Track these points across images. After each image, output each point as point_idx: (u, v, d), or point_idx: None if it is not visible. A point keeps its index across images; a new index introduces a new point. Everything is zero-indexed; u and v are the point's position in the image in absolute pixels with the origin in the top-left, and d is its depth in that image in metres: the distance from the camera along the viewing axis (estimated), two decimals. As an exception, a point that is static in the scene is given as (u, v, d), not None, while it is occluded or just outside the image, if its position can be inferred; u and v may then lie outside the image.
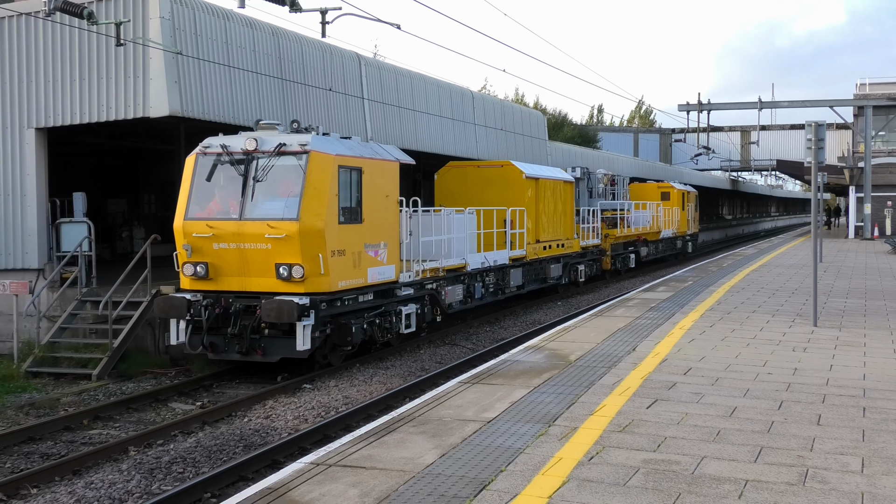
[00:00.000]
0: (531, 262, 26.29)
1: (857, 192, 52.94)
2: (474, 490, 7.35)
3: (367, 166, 16.83)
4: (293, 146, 15.75)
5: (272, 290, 15.55)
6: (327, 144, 16.09)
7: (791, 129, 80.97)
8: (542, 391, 11.02)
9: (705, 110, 49.30)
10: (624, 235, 37.11)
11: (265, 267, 15.59)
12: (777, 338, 15.01)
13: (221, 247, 15.77)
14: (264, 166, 15.74)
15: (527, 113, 41.82)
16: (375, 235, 17.09)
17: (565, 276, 29.63)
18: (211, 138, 16.43)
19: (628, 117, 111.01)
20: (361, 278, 16.70)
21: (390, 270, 17.78)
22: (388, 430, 9.32)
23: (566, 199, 29.50)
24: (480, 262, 22.66)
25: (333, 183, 15.72)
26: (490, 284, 23.52)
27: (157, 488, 10.38)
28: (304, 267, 15.33)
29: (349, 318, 16.60)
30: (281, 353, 15.67)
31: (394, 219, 17.93)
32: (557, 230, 28.62)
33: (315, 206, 15.42)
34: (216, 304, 15.76)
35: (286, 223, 15.31)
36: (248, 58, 20.78)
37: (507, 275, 24.61)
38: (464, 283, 21.84)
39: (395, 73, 28.52)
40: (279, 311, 14.92)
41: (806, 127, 16.76)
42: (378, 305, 17.70)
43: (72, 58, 19.10)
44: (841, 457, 8.22)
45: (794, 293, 21.84)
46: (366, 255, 16.78)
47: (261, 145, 15.87)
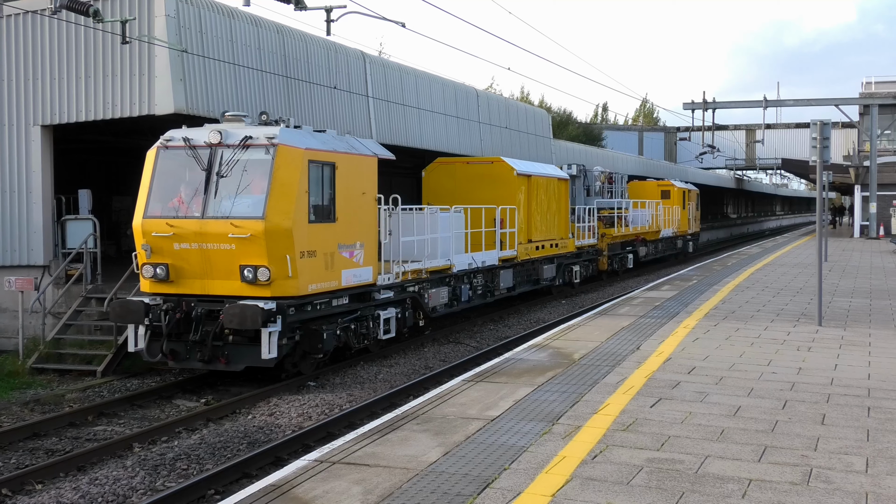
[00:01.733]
0: (523, 262, 25.37)
1: (863, 190, 52.85)
2: (478, 488, 7.36)
3: (341, 161, 15.85)
4: (260, 139, 14.81)
5: (237, 293, 14.61)
6: (297, 137, 15.13)
7: (796, 128, 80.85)
8: (546, 389, 11.03)
9: (710, 109, 49.27)
10: (621, 235, 36.11)
11: (229, 269, 14.63)
12: (781, 337, 15.01)
13: (183, 247, 14.81)
14: (229, 161, 14.83)
15: (531, 111, 41.79)
16: (350, 235, 16.09)
17: (559, 277, 28.77)
18: (173, 130, 15.60)
19: (633, 116, 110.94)
20: (335, 281, 15.72)
21: (367, 272, 16.76)
22: (392, 427, 9.33)
23: (560, 198, 28.55)
24: (467, 263, 21.70)
25: (303, 179, 14.78)
26: (478, 286, 22.62)
27: (162, 485, 10.40)
28: (270, 269, 14.38)
29: (321, 323, 15.57)
30: (246, 361, 14.73)
31: (371, 218, 16.93)
32: (551, 229, 27.66)
33: (282, 203, 14.49)
34: (177, 309, 14.86)
35: (251, 222, 14.36)
36: (253, 56, 20.79)
37: (497, 276, 23.68)
38: (449, 286, 20.91)
39: (399, 71, 28.52)
40: (242, 316, 13.97)
41: (811, 126, 16.76)
42: (354, 310, 16.63)
43: (77, 55, 19.13)
44: (845, 456, 8.21)
45: (799, 292, 21.82)
46: (339, 257, 15.78)
47: (225, 138, 14.94)
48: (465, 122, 32.54)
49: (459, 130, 32.08)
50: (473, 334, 21.53)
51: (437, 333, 20.83)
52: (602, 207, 35.42)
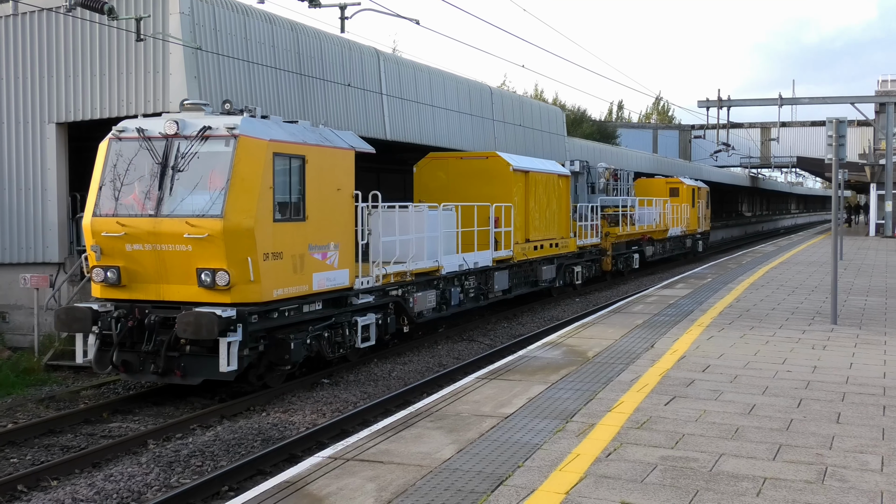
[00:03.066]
0: (519, 263, 24.01)
1: (879, 189, 52.62)
2: (491, 485, 7.35)
3: (312, 154, 14.60)
4: (219, 129, 13.57)
5: (194, 299, 13.41)
6: (261, 128, 13.89)
7: (812, 126, 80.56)
8: (560, 387, 11.02)
9: (725, 107, 49.11)
10: (627, 234, 34.72)
11: (185, 272, 13.44)
12: (796, 336, 14.95)
13: (135, 248, 13.62)
14: (186, 153, 13.63)
15: (545, 109, 41.75)
16: (323, 235, 14.87)
17: (559, 278, 27.44)
18: (127, 121, 14.48)
19: (646, 113, 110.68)
20: (304, 285, 14.46)
21: (342, 275, 15.51)
22: (406, 425, 9.34)
23: (561, 195, 27.17)
24: (458, 265, 20.38)
25: (267, 173, 13.57)
26: (470, 289, 21.22)
27: (176, 481, 10.43)
28: (229, 273, 13.15)
29: (288, 332, 14.38)
30: (203, 374, 13.55)
31: (347, 216, 15.65)
32: (551, 228, 26.27)
33: (244, 200, 13.29)
34: (129, 316, 13.69)
35: (208, 220, 13.16)
36: (267, 53, 20.82)
37: (491, 278, 22.28)
38: (438, 289, 19.55)
39: (413, 68, 28.52)
40: (197, 325, 12.77)
41: (827, 124, 16.70)
42: (327, 316, 15.39)
43: (92, 53, 19.19)
44: (860, 455, 8.18)
45: (814, 291, 21.74)
46: (310, 259, 14.57)
47: (182, 129, 13.74)
48: (479, 119, 32.52)
49: (473, 128, 32.07)
50: (487, 332, 21.52)
51: (450, 331, 20.83)
52: (606, 205, 34.23)
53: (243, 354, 13.41)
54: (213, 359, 13.23)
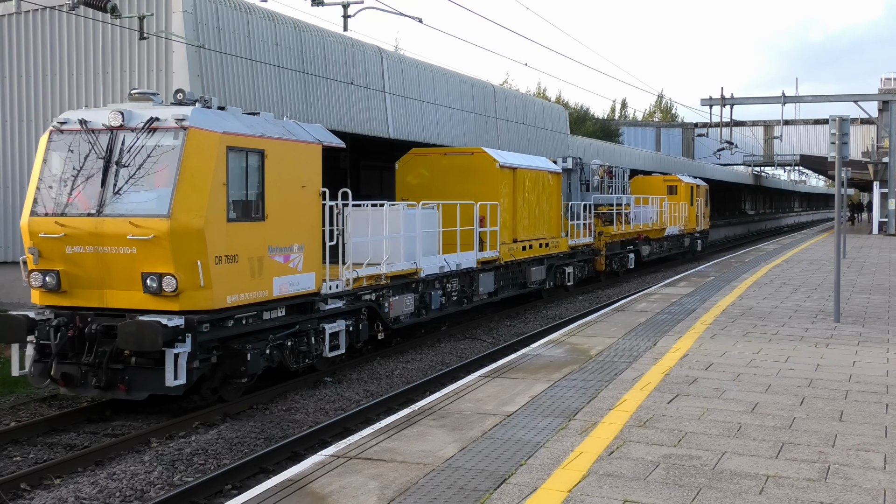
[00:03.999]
0: (507, 264, 22.90)
1: (882, 187, 52.57)
2: (494, 483, 7.35)
3: (272, 148, 13.52)
4: (167, 121, 12.50)
5: (139, 306, 12.36)
6: (214, 119, 12.78)
7: (815, 124, 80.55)
8: (563, 385, 11.02)
9: (728, 105, 49.09)
10: (621, 233, 33.66)
11: (130, 277, 12.35)
12: (799, 334, 14.94)
13: (76, 250, 12.52)
14: (132, 147, 12.52)
15: (548, 107, 41.76)
16: (285, 236, 13.78)
17: (550, 279, 26.37)
18: (69, 112, 13.48)
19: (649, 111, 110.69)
20: (264, 290, 13.41)
21: (308, 279, 14.43)
22: (409, 423, 9.34)
23: (552, 193, 26.01)
24: (439, 267, 19.25)
25: (220, 168, 12.45)
26: (452, 292, 20.11)
27: (179, 479, 10.44)
28: (177, 277, 12.10)
29: (245, 341, 13.27)
30: (149, 388, 12.45)
31: (313, 215, 14.55)
32: (540, 227, 25.16)
33: (193, 198, 12.21)
34: (69, 325, 12.58)
35: (154, 220, 12.11)
36: (270, 51, 20.83)
37: (476, 280, 21.12)
38: (416, 292, 18.48)
39: (416, 66, 28.53)
40: (139, 335, 11.72)
41: (830, 122, 16.68)
42: (291, 324, 14.32)
43: (95, 51, 19.21)
44: (863, 453, 8.18)
45: (817, 289, 21.72)
46: (270, 262, 13.47)
47: (128, 120, 12.64)
48: (482, 117, 32.54)
49: (476, 126, 32.08)
50: (490, 330, 21.52)
51: (453, 329, 20.83)
52: (600, 204, 33.33)
53: (193, 367, 12.34)
54: (159, 372, 12.13)
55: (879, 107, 54.02)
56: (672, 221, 41.02)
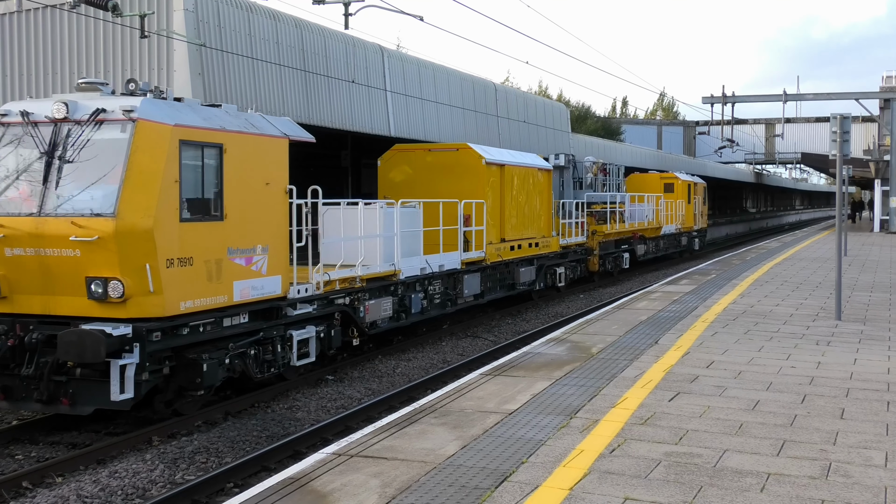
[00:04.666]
0: (494, 265, 21.88)
1: (883, 185, 52.55)
2: (495, 481, 7.36)
3: (232, 142, 12.50)
4: (115, 112, 11.50)
5: (85, 313, 11.37)
6: (166, 111, 11.75)
7: (816, 122, 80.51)
8: (564, 383, 11.02)
9: (729, 103, 49.06)
10: (616, 232, 32.52)
11: (74, 282, 11.37)
12: (801, 332, 14.95)
13: (16, 253, 11.54)
14: (76, 141, 11.54)
15: (550, 105, 41.76)
16: (247, 237, 12.77)
17: (540, 280, 25.32)
18: (11, 103, 12.64)
19: (651, 110, 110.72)
20: (223, 295, 12.36)
21: (273, 283, 13.43)
22: (410, 421, 9.35)
23: (542, 190, 24.98)
24: (420, 268, 18.26)
25: (172, 163, 11.46)
26: (435, 295, 19.10)
27: (181, 478, 10.45)
28: (123, 282, 11.12)
29: (202, 350, 12.30)
30: (94, 402, 11.52)
31: (279, 215, 13.54)
32: (530, 226, 24.18)
33: (141, 196, 11.23)
34: (9, 334, 11.64)
35: (99, 221, 11.15)
36: (271, 50, 20.83)
37: (460, 282, 20.08)
38: (396, 295, 17.44)
39: (417, 65, 28.53)
40: (79, 345, 10.77)
41: (831, 120, 16.67)
42: (255, 331, 13.29)
43: (96, 50, 19.22)
44: (864, 451, 8.18)
45: (818, 287, 21.73)
46: (230, 265, 12.45)
47: (73, 112, 11.65)
48: (483, 116, 32.55)
49: (478, 124, 32.09)
50: (491, 328, 21.53)
51: (455, 328, 20.83)
52: (594, 202, 32.34)
53: (142, 379, 11.40)
54: (106, 384, 11.24)
55: (881, 105, 53.96)
56: (669, 220, 40.21)
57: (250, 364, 13.21)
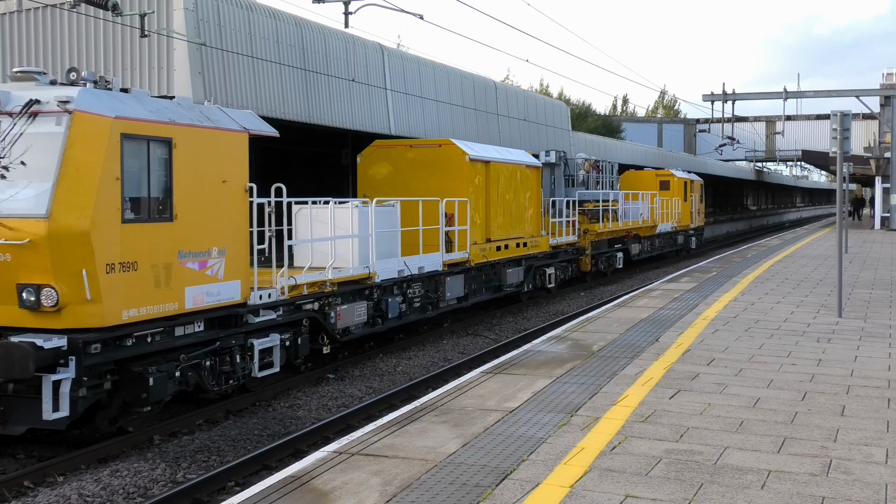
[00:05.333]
0: (479, 266, 20.90)
1: (884, 182, 52.54)
2: (496, 479, 7.37)
3: (183, 136, 11.51)
4: (49, 104, 10.51)
5: (16, 324, 10.40)
6: (106, 102, 10.74)
7: (817, 120, 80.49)
8: (565, 381, 11.03)
9: (730, 100, 49.05)
10: (609, 231, 31.58)
11: (5, 289, 10.41)
12: (801, 329, 14.95)
13: None
14: (7, 135, 10.57)
15: (550, 103, 41.77)
16: (201, 239, 11.81)
17: (529, 281, 24.29)
18: None
19: (652, 107, 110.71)
20: (172, 303, 11.36)
21: (231, 288, 12.42)
22: (411, 419, 9.36)
23: (531, 188, 24.01)
24: (397, 271, 17.36)
25: (112, 159, 10.50)
26: (415, 298, 18.19)
27: (182, 476, 10.46)
28: (57, 289, 10.19)
29: (149, 363, 11.30)
30: (27, 420, 10.57)
31: (238, 215, 12.55)
32: (517, 226, 23.24)
33: (77, 195, 10.30)
34: None
35: (30, 222, 10.20)
36: (271, 48, 20.84)
37: (442, 284, 19.20)
38: (371, 299, 16.54)
39: (418, 63, 28.54)
40: (6, 360, 9.85)
41: (831, 117, 16.67)
42: (211, 340, 12.34)
43: (96, 49, 19.23)
44: (865, 448, 8.19)
45: (819, 284, 21.73)
46: (181, 269, 11.48)
47: (4, 103, 10.65)
48: (484, 114, 32.56)
49: (478, 123, 32.11)
50: (492, 326, 21.54)
51: (455, 326, 20.83)
52: (586, 200, 31.27)
53: (78, 396, 10.42)
54: (39, 401, 10.31)
55: (881, 102, 53.97)
56: (664, 218, 39.30)
57: (206, 376, 12.31)
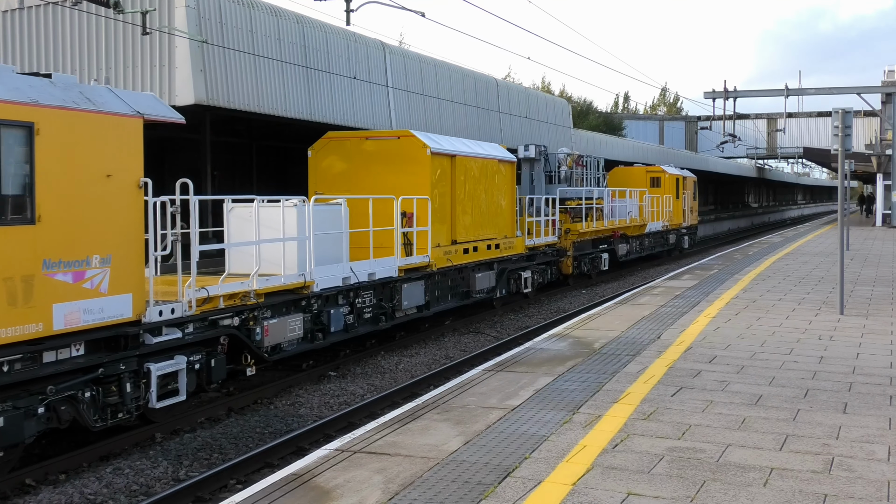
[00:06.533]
0: (442, 271, 19.02)
1: (885, 179, 52.51)
2: (498, 477, 7.36)
3: (50, 121, 9.60)
4: None
5: None
6: None
7: (818, 117, 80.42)
8: (567, 379, 11.02)
9: (731, 98, 49.03)
10: (592, 231, 29.55)
11: None
12: (803, 326, 14.94)
13: None
14: None
15: (551, 101, 41.76)
16: (76, 245, 9.88)
17: (502, 286, 22.36)
18: None
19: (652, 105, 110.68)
20: (35, 323, 9.42)
21: (119, 304, 10.45)
22: (413, 417, 9.35)
23: (504, 185, 22.20)
24: (342, 278, 15.44)
25: None
26: (365, 308, 16.23)
27: (184, 474, 10.47)
28: None
29: (4, 397, 9.36)
30: None
31: (128, 215, 10.59)
32: (489, 226, 21.38)
33: None
34: None
35: None
36: (272, 46, 20.83)
37: (398, 292, 17.24)
38: (309, 311, 14.64)
39: (419, 61, 28.53)
40: None
41: (833, 114, 16.66)
42: (93, 367, 10.37)
43: (98, 47, 19.22)
44: (867, 445, 8.18)
45: (821, 281, 21.71)
46: (47, 282, 9.52)
47: None
48: (485, 111, 32.54)
49: (479, 120, 32.10)
50: (494, 324, 21.53)
51: (456, 324, 20.82)
52: (568, 198, 29.53)
53: None
54: None
55: (882, 99, 53.89)
56: (654, 216, 37.51)
57: (85, 410, 10.37)
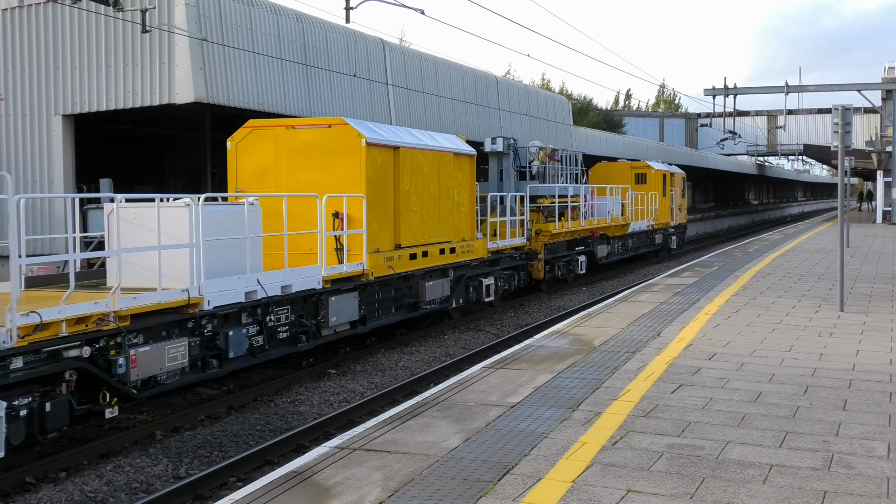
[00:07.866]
0: (383, 280, 16.60)
1: (885, 176, 52.50)
2: (498, 474, 7.37)
3: None
4: None
5: None
6: None
7: (818, 114, 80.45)
8: (566, 376, 11.03)
9: (731, 95, 49.00)
10: (567, 231, 26.89)
11: None
12: (803, 323, 14.94)
13: None
14: None
15: (551, 98, 41.76)
16: None
17: (459, 295, 19.84)
18: None
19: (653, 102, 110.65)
20: None
21: None
22: (412, 414, 9.36)
23: (462, 181, 19.79)
24: (244, 292, 12.95)
25: None
26: (280, 327, 13.92)
27: (185, 472, 10.47)
28: None
29: None
30: None
31: None
32: (443, 228, 18.99)
33: None
34: None
35: None
36: (272, 44, 20.82)
37: (324, 307, 14.84)
38: (197, 335, 12.18)
39: (419, 58, 28.52)
40: None
41: (833, 111, 16.66)
42: None
43: (98, 45, 19.22)
44: (867, 442, 8.18)
45: (821, 278, 21.71)
46: None
47: None
48: (485, 109, 32.54)
49: (479, 117, 32.09)
50: (494, 322, 21.53)
51: (456, 321, 20.83)
52: (541, 195, 27.07)
53: None
54: None
55: (882, 96, 53.88)
56: (639, 215, 35.02)
57: None
